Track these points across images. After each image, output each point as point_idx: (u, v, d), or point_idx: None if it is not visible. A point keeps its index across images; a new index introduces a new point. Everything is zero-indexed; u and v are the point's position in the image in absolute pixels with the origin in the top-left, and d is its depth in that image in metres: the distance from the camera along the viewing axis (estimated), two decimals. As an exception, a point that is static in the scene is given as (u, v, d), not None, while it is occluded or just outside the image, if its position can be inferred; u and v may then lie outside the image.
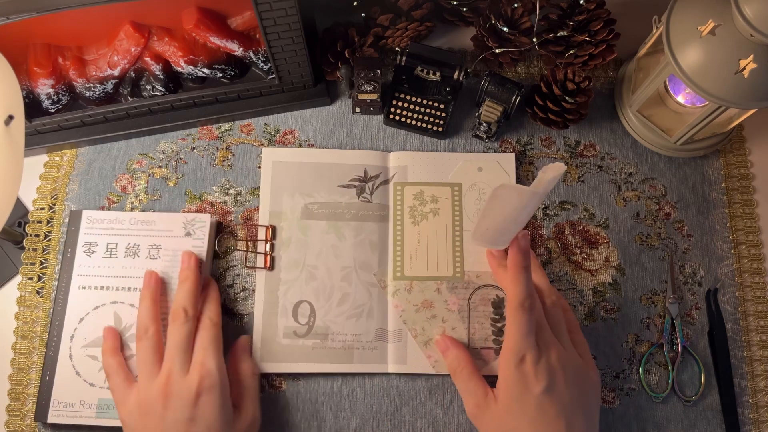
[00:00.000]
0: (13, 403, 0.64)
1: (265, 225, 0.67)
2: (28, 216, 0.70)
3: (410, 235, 0.68)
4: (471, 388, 0.58)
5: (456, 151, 0.72)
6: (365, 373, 0.65)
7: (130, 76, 0.69)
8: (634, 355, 0.66)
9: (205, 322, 0.60)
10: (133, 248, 0.65)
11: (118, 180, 0.71)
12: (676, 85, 0.68)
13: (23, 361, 0.65)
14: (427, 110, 0.71)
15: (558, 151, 0.72)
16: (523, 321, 0.55)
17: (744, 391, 0.65)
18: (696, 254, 0.69)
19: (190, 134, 0.72)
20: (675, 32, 0.59)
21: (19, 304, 0.67)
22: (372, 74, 0.69)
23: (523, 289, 0.56)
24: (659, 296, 0.68)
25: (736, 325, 0.67)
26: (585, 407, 0.56)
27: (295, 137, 0.73)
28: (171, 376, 0.55)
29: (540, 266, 0.65)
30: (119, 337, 0.62)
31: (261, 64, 0.70)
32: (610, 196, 0.71)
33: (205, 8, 0.63)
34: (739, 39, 0.55)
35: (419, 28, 0.72)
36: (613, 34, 0.70)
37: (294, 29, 0.61)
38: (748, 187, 0.71)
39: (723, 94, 0.57)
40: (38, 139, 0.70)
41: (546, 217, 0.70)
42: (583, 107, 0.69)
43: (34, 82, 0.66)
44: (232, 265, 0.68)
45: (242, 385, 0.60)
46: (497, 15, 0.71)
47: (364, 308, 0.65)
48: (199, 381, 0.55)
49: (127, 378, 0.59)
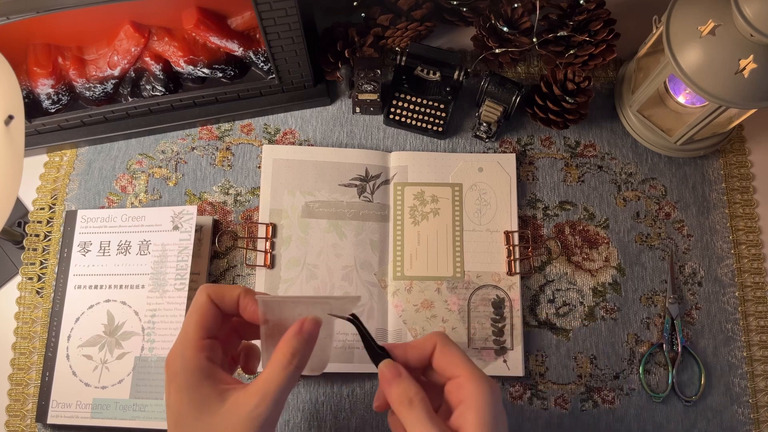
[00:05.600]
0: (13, 403, 0.64)
1: (266, 223, 0.67)
2: (28, 216, 0.70)
3: (410, 235, 0.68)
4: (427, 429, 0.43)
5: (456, 151, 0.72)
6: (365, 373, 0.65)
7: (130, 76, 0.69)
8: (634, 355, 0.66)
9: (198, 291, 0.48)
10: (124, 245, 0.65)
11: (118, 180, 0.71)
12: (676, 85, 0.68)
13: (23, 361, 0.65)
14: (427, 110, 0.71)
15: (558, 151, 0.72)
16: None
17: (744, 391, 0.65)
18: (696, 254, 0.69)
19: (190, 134, 0.72)
20: (675, 32, 0.59)
21: (19, 304, 0.67)
22: (372, 74, 0.69)
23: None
24: (659, 296, 0.68)
25: (736, 325, 0.67)
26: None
27: (295, 137, 0.73)
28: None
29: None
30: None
31: (261, 64, 0.70)
32: (610, 196, 0.71)
33: (205, 8, 0.63)
34: (739, 39, 0.55)
35: (419, 28, 0.72)
36: (613, 34, 0.70)
37: (294, 29, 0.61)
38: (748, 187, 0.71)
39: (723, 94, 0.57)
40: (38, 139, 0.70)
41: (546, 217, 0.70)
42: (583, 107, 0.69)
43: (34, 82, 0.66)
44: (232, 264, 0.68)
45: (263, 373, 0.47)
46: (497, 15, 0.71)
47: (365, 308, 0.65)
48: (168, 363, 0.46)
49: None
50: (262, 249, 0.67)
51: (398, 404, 0.45)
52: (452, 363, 0.47)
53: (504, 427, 0.46)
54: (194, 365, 0.45)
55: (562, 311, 0.67)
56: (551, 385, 0.65)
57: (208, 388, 0.45)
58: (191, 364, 0.45)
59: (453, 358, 0.47)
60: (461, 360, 0.47)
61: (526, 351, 0.66)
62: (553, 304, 0.67)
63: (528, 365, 0.65)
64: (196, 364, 0.45)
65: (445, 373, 0.47)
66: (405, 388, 0.45)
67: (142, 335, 0.62)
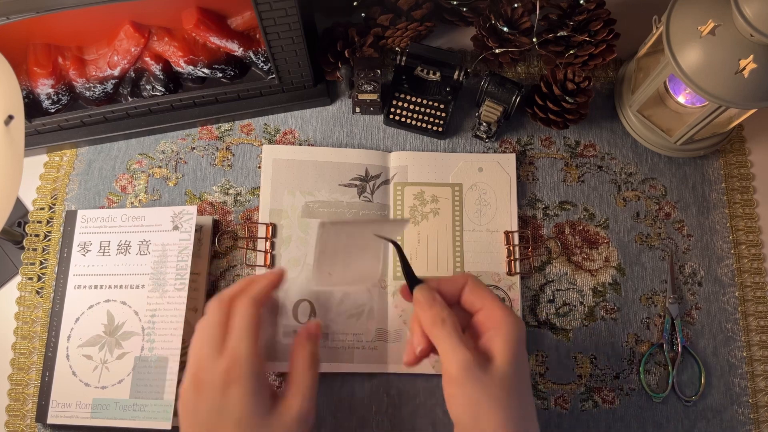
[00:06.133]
0: (13, 403, 0.64)
1: (266, 223, 0.67)
2: (28, 216, 0.70)
3: (410, 235, 0.68)
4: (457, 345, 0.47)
5: (456, 151, 0.72)
6: (365, 373, 0.65)
7: (130, 76, 0.69)
8: (634, 355, 0.66)
9: (243, 300, 0.51)
10: (124, 245, 0.65)
11: (118, 180, 0.71)
12: (676, 85, 0.68)
13: (23, 361, 0.65)
14: (427, 110, 0.71)
15: (558, 151, 0.72)
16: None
17: (744, 391, 0.65)
18: (696, 254, 0.69)
19: (190, 134, 0.72)
20: (675, 32, 0.59)
21: (19, 304, 0.67)
22: (372, 74, 0.69)
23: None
24: (659, 296, 0.68)
25: (736, 325, 0.67)
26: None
27: (295, 137, 0.73)
28: (201, 362, 0.49)
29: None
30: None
31: (261, 64, 0.70)
32: (610, 196, 0.71)
33: (205, 8, 0.63)
34: (739, 39, 0.55)
35: (419, 28, 0.72)
36: (613, 34, 0.70)
37: (294, 29, 0.61)
38: (748, 187, 0.71)
39: (723, 94, 0.57)
40: (38, 139, 0.70)
41: (546, 217, 0.70)
42: (583, 107, 0.69)
43: (34, 82, 0.66)
44: (232, 265, 0.68)
45: (293, 375, 0.53)
46: (497, 15, 0.71)
47: (365, 308, 0.65)
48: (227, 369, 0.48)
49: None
50: (262, 249, 0.67)
51: (431, 325, 0.49)
52: (482, 298, 0.50)
53: (526, 365, 0.50)
54: (259, 370, 0.49)
55: (562, 311, 0.67)
56: (551, 385, 0.65)
57: (267, 392, 0.49)
58: (257, 369, 0.49)
59: (483, 293, 0.51)
60: (491, 296, 0.50)
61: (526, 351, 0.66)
62: (553, 304, 0.67)
63: (528, 365, 0.65)
64: (260, 369, 0.49)
65: (474, 307, 0.51)
66: (439, 310, 0.49)
67: (142, 335, 0.62)
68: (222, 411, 0.47)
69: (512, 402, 0.47)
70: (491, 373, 0.47)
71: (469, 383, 0.46)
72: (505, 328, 0.48)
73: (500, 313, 0.49)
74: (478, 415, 0.46)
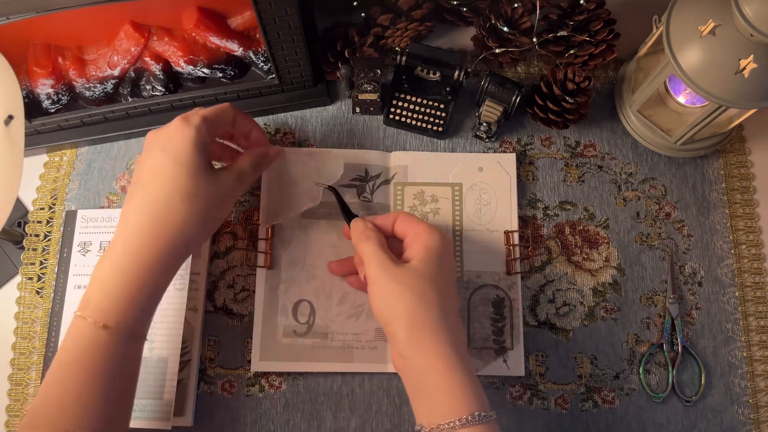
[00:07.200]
0: (13, 403, 0.64)
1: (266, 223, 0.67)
2: (28, 216, 0.70)
3: (410, 235, 0.68)
4: (377, 251, 0.54)
5: (456, 151, 0.72)
6: (365, 373, 0.65)
7: (130, 76, 0.69)
8: (634, 355, 0.66)
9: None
10: None
11: (118, 180, 0.71)
12: (676, 85, 0.68)
13: (23, 362, 0.65)
14: (427, 110, 0.71)
15: (558, 151, 0.72)
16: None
17: (744, 391, 0.65)
18: (696, 254, 0.69)
19: (190, 134, 0.72)
20: (675, 32, 0.59)
21: (18, 304, 0.67)
22: (372, 74, 0.69)
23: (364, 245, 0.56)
24: (659, 296, 0.68)
25: (736, 325, 0.67)
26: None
27: (295, 137, 0.73)
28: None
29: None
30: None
31: (261, 64, 0.70)
32: (610, 196, 0.71)
33: (205, 8, 0.63)
34: (739, 39, 0.55)
35: (419, 28, 0.72)
36: (613, 34, 0.70)
37: (294, 29, 0.61)
38: (748, 187, 0.71)
39: (723, 94, 0.57)
40: (38, 139, 0.70)
41: (546, 217, 0.70)
42: (583, 107, 0.69)
43: (34, 82, 0.66)
44: (232, 265, 0.68)
45: (236, 161, 0.60)
46: (497, 15, 0.71)
47: (364, 308, 0.65)
48: (183, 116, 0.55)
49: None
50: (262, 250, 0.67)
51: (358, 241, 0.56)
52: (411, 224, 0.57)
53: (447, 269, 0.55)
54: (201, 139, 0.55)
55: (562, 311, 0.67)
56: (551, 385, 0.65)
57: (207, 157, 0.56)
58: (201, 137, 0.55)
59: (412, 221, 0.57)
60: (419, 221, 0.57)
61: (526, 351, 0.66)
62: (553, 304, 0.67)
63: (528, 365, 0.65)
64: (202, 139, 0.55)
65: (404, 234, 0.57)
66: (366, 230, 0.57)
67: (142, 335, 0.62)
68: (165, 148, 0.54)
69: (427, 290, 0.52)
70: (405, 267, 0.53)
71: (384, 276, 0.52)
72: (423, 236, 0.55)
73: (423, 227, 0.55)
74: (389, 301, 0.52)
